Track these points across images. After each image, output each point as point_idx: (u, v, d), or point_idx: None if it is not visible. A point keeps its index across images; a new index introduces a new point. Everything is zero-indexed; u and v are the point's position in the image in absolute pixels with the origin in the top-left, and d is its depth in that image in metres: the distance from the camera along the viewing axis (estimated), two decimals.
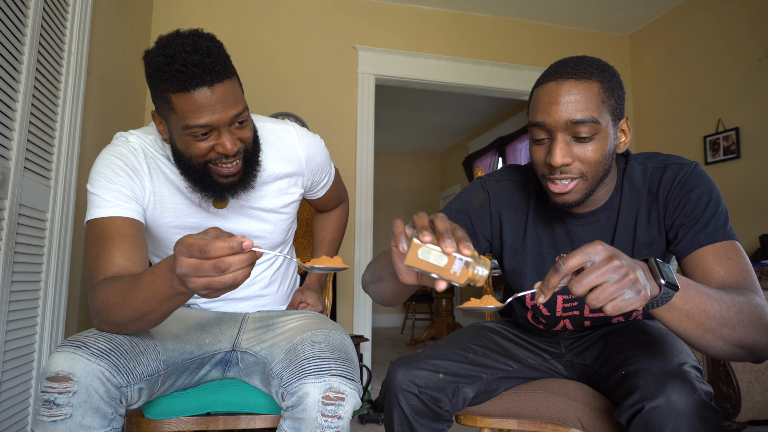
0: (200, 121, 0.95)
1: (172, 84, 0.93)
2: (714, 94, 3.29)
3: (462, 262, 0.67)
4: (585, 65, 0.93)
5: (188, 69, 0.92)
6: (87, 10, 1.97)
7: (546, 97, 0.93)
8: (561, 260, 0.67)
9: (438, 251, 0.67)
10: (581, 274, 0.65)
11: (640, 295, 0.65)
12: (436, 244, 0.67)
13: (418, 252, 0.67)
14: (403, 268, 0.76)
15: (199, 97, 0.94)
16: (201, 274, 0.71)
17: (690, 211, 0.95)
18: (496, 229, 1.14)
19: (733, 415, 1.97)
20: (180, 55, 0.92)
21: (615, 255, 0.66)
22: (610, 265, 0.65)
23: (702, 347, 0.78)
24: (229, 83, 0.97)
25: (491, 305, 0.74)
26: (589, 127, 0.90)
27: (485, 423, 1.13)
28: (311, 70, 3.42)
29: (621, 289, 0.64)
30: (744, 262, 0.89)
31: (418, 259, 0.67)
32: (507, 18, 3.81)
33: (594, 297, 0.65)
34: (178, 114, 0.96)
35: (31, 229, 1.62)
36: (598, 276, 0.64)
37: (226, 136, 0.98)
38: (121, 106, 2.55)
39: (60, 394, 0.83)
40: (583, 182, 0.94)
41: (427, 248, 0.67)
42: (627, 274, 0.65)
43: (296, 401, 0.93)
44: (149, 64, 0.96)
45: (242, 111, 1.00)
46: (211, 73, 0.93)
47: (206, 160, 1.01)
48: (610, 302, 0.65)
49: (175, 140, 1.02)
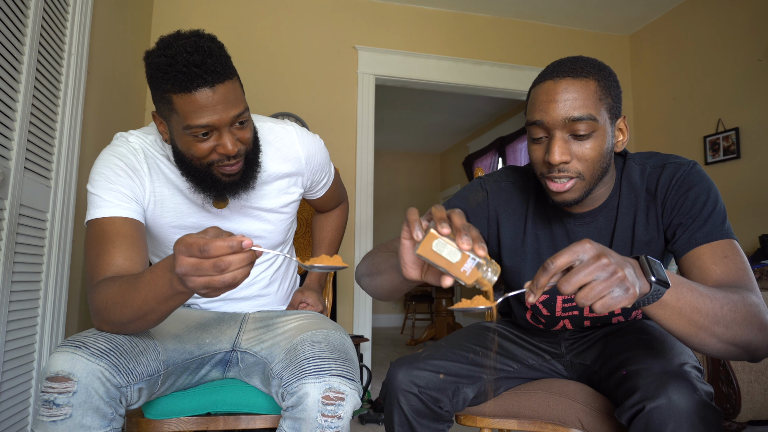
0: (201, 122, 0.95)
1: (173, 84, 0.93)
2: (714, 94, 3.29)
3: (474, 262, 0.66)
4: (581, 64, 0.94)
5: (190, 69, 0.92)
6: (87, 10, 1.97)
7: (543, 96, 0.93)
8: (549, 259, 0.67)
9: (452, 246, 0.66)
10: (570, 273, 0.65)
11: (628, 293, 0.65)
12: (452, 239, 0.66)
13: (432, 243, 0.66)
14: (409, 261, 0.75)
15: (201, 98, 0.94)
16: (201, 273, 0.71)
17: (688, 209, 0.95)
18: (493, 229, 1.14)
19: (733, 415, 1.97)
20: (182, 56, 0.92)
21: (603, 253, 0.66)
22: (598, 263, 0.65)
23: (696, 345, 0.78)
24: (230, 84, 0.97)
25: (482, 305, 0.74)
26: (587, 125, 0.91)
27: (485, 423, 1.13)
28: (311, 70, 3.42)
29: (609, 287, 0.64)
30: (741, 260, 0.89)
31: (432, 250, 0.66)
32: (507, 18, 3.81)
33: (583, 295, 0.65)
34: (180, 114, 0.96)
35: (31, 229, 1.62)
36: (587, 274, 0.64)
37: (227, 137, 0.99)
38: (121, 106, 2.55)
39: (60, 394, 0.83)
40: (581, 181, 0.95)
41: (443, 241, 0.66)
42: (615, 272, 0.65)
43: (296, 401, 0.93)
44: (150, 65, 0.96)
45: (243, 111, 1.00)
46: (213, 74, 0.94)
47: (208, 162, 1.01)
48: (599, 300, 0.65)
49: (176, 141, 1.02)
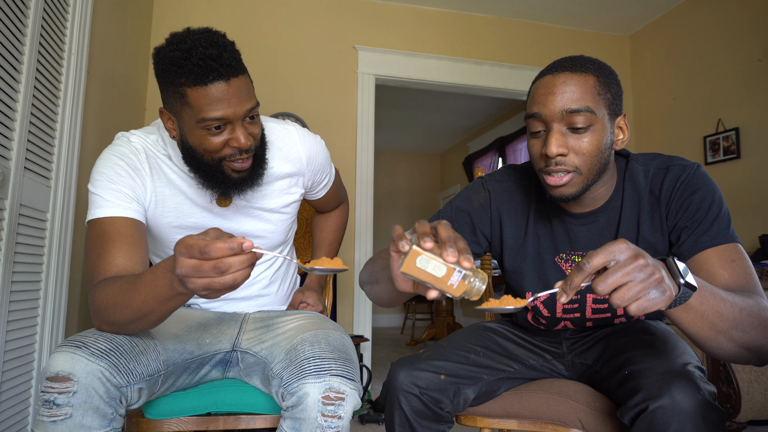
0: (216, 114, 0.96)
1: (188, 78, 0.94)
2: (714, 94, 3.29)
3: (461, 275, 0.65)
4: (581, 61, 0.95)
5: (206, 63, 0.93)
6: (87, 10, 1.97)
7: (542, 89, 0.94)
8: (585, 258, 0.66)
9: (437, 261, 0.65)
10: (606, 273, 0.64)
11: (665, 295, 0.64)
12: (437, 253, 0.65)
13: (416, 260, 0.65)
14: (399, 275, 0.74)
15: (216, 91, 0.95)
16: (201, 274, 0.71)
17: (693, 213, 0.95)
18: (496, 228, 1.14)
19: (734, 415, 1.96)
20: (197, 50, 0.93)
21: (640, 254, 0.64)
22: (635, 263, 0.63)
23: (711, 348, 0.77)
24: (244, 78, 0.99)
25: (511, 305, 0.72)
26: (585, 117, 0.91)
27: (485, 423, 1.13)
28: (311, 70, 3.41)
29: (646, 289, 0.63)
30: (747, 265, 0.90)
31: (416, 267, 0.65)
32: (507, 18, 3.81)
33: (619, 296, 0.63)
34: (193, 108, 0.97)
35: (31, 229, 1.62)
36: (624, 275, 0.63)
37: (240, 130, 0.99)
38: (121, 106, 2.55)
39: (60, 394, 0.83)
40: (578, 176, 0.94)
41: (426, 257, 0.65)
42: (653, 273, 0.63)
43: (296, 401, 0.93)
44: (162, 60, 0.97)
45: (255, 106, 1.01)
46: (228, 68, 0.95)
47: (221, 156, 1.01)
48: (635, 302, 0.63)
49: (186, 136, 1.02)
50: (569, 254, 1.08)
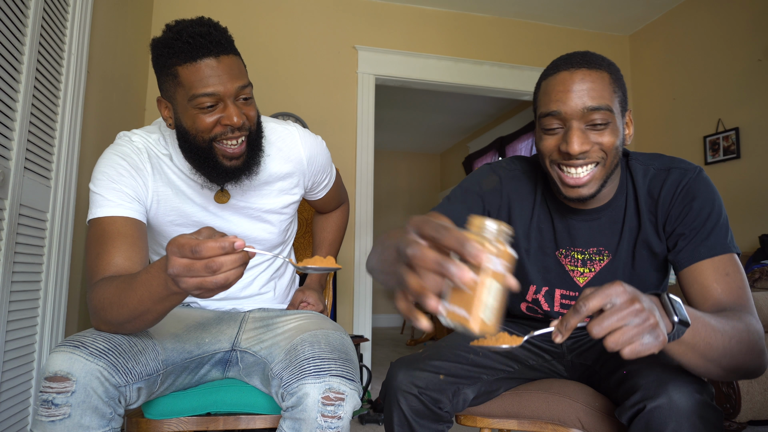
0: (207, 90, 0.97)
1: (179, 56, 0.96)
2: (714, 94, 3.29)
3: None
4: (593, 57, 0.95)
5: (195, 40, 0.95)
6: (87, 10, 1.97)
7: (560, 86, 0.93)
8: (581, 300, 0.66)
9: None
10: (602, 317, 0.65)
11: (658, 340, 0.65)
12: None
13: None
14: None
15: (205, 67, 0.97)
16: (192, 274, 0.70)
17: (692, 221, 0.95)
18: (504, 214, 1.12)
19: (733, 415, 1.96)
20: (187, 30, 0.96)
21: (636, 297, 0.65)
22: (631, 308, 0.64)
23: (700, 374, 0.79)
24: (234, 58, 1.01)
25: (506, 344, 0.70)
26: (604, 114, 0.91)
27: (485, 423, 1.13)
28: (311, 70, 3.41)
29: (640, 334, 0.64)
30: (741, 278, 0.90)
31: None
32: (507, 18, 3.81)
33: (613, 340, 0.64)
34: (185, 86, 0.98)
35: (31, 229, 1.62)
36: (619, 319, 0.64)
37: (231, 108, 1.00)
38: (121, 106, 2.55)
39: (58, 394, 0.83)
40: (602, 168, 0.95)
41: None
42: (647, 319, 0.64)
43: (296, 401, 0.93)
44: (156, 46, 1.00)
45: (247, 85, 1.02)
46: (218, 45, 0.97)
47: (212, 136, 1.01)
48: (629, 346, 0.64)
49: (181, 119, 1.02)
50: (569, 249, 1.08)
